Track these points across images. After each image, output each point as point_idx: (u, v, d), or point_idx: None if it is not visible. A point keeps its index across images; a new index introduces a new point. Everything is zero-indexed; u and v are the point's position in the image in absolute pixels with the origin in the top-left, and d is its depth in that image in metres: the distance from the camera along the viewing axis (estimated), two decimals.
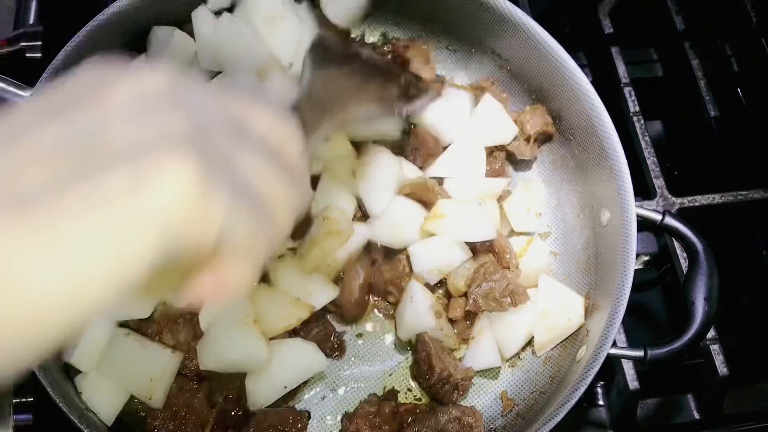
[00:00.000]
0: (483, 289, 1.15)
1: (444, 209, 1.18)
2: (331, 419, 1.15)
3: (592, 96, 1.18)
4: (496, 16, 1.25)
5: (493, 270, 1.17)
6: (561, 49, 1.21)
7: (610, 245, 1.14)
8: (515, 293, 1.15)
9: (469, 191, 1.23)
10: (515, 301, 1.15)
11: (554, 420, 1.00)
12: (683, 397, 1.28)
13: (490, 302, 1.15)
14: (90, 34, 1.16)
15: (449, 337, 1.18)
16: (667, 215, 1.13)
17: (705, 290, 1.09)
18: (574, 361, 1.13)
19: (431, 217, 1.18)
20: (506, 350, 1.19)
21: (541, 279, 1.18)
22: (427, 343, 1.14)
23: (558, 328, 1.16)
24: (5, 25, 1.53)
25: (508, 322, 1.17)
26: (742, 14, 1.55)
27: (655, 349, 1.07)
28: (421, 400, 1.18)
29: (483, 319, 1.19)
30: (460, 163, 1.26)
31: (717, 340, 1.22)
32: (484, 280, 1.16)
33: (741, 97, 1.58)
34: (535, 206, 1.28)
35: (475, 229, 1.18)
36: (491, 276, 1.16)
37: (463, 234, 1.17)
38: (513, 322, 1.17)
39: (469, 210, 1.18)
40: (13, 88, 1.13)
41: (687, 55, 1.49)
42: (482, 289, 1.15)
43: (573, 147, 1.27)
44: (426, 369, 1.13)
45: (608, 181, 1.16)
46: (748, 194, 1.35)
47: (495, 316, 1.18)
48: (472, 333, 1.20)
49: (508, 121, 1.29)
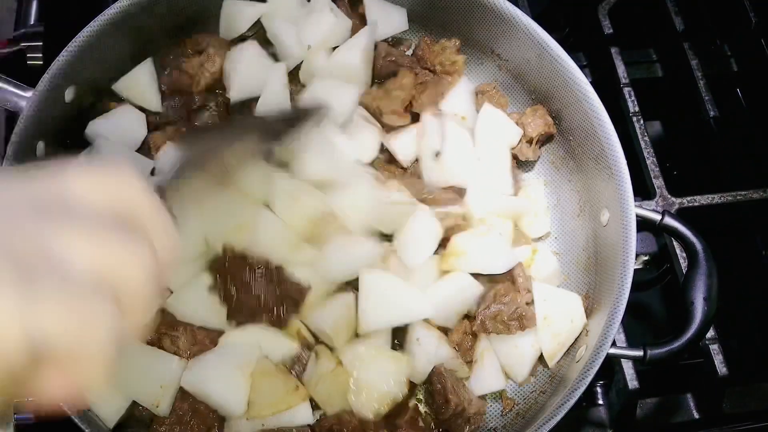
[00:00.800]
0: (491, 311, 1.13)
1: (463, 245, 1.16)
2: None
3: (591, 96, 1.18)
4: (495, 16, 1.26)
5: (504, 293, 1.15)
6: (561, 49, 1.21)
7: (610, 245, 1.14)
8: (524, 317, 1.12)
9: (493, 207, 1.22)
10: (523, 325, 1.12)
11: (554, 420, 1.01)
12: (683, 396, 1.28)
13: (498, 324, 1.13)
14: (90, 35, 1.16)
15: (462, 366, 1.16)
16: (667, 215, 1.13)
17: (704, 290, 1.09)
18: (573, 360, 1.13)
19: (449, 255, 1.16)
20: (517, 374, 1.16)
21: (535, 286, 1.17)
22: (442, 376, 1.11)
23: (563, 333, 1.14)
24: (6, 25, 1.54)
25: (514, 344, 1.15)
26: (742, 14, 1.55)
27: (655, 349, 1.07)
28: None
29: (483, 341, 1.17)
30: (486, 174, 1.24)
31: (717, 340, 1.22)
32: (494, 302, 1.14)
33: (740, 98, 1.58)
34: (539, 207, 1.27)
35: (498, 260, 1.15)
36: (501, 298, 1.14)
37: (486, 268, 1.15)
38: (519, 344, 1.15)
39: (489, 242, 1.16)
40: (14, 88, 1.13)
41: (686, 55, 1.49)
42: (490, 311, 1.13)
43: (573, 147, 1.27)
44: (441, 402, 1.10)
45: (608, 182, 1.16)
46: (747, 194, 1.35)
47: (497, 339, 1.15)
48: (474, 356, 1.17)
49: (511, 124, 1.29)
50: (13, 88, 1.13)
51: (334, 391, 1.09)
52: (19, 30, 1.46)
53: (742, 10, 1.55)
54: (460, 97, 1.30)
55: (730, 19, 1.59)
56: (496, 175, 1.25)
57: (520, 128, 1.29)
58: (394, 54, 1.32)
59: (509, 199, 1.25)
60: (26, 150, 1.10)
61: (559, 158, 1.32)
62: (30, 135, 1.11)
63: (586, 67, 1.55)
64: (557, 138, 1.31)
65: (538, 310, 1.15)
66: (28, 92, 1.12)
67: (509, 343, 1.15)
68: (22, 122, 1.10)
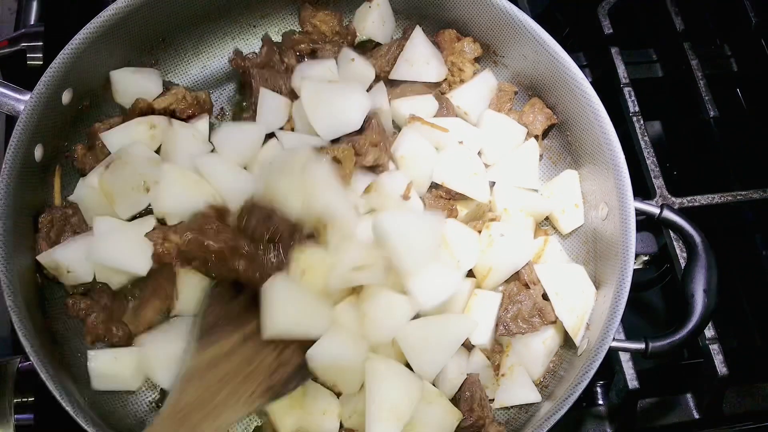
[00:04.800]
0: (511, 313, 1.13)
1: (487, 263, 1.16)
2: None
3: (591, 96, 1.18)
4: (495, 15, 1.26)
5: (517, 291, 1.15)
6: (561, 49, 1.21)
7: (610, 239, 1.15)
8: (543, 311, 1.13)
9: (518, 202, 1.22)
10: (545, 318, 1.12)
11: (554, 418, 1.01)
12: (683, 396, 1.28)
13: (521, 324, 1.12)
14: (90, 35, 1.16)
15: (493, 379, 1.16)
16: (666, 209, 1.13)
17: (704, 282, 1.09)
18: (575, 355, 1.13)
19: (480, 279, 1.17)
20: (533, 372, 1.16)
21: (537, 269, 1.17)
22: (474, 385, 1.11)
23: (579, 306, 1.13)
24: (6, 25, 1.54)
25: (524, 344, 1.15)
26: (742, 15, 1.55)
27: (656, 341, 1.07)
28: None
29: (512, 356, 1.16)
30: (511, 170, 1.25)
31: (717, 339, 1.22)
32: (510, 303, 1.14)
33: (740, 98, 1.58)
34: (568, 202, 1.26)
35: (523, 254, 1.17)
36: (515, 297, 1.14)
37: (516, 264, 1.17)
38: (529, 343, 1.15)
39: (508, 244, 1.17)
40: (11, 92, 1.13)
41: (687, 55, 1.49)
42: (510, 313, 1.13)
43: (571, 143, 1.27)
44: (466, 410, 1.10)
45: (607, 176, 1.16)
46: (747, 194, 1.35)
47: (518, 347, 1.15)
48: (502, 370, 1.16)
49: (514, 124, 1.28)
50: (11, 92, 1.13)
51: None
52: (20, 30, 1.46)
53: (742, 10, 1.55)
54: (474, 89, 1.31)
55: (730, 19, 1.60)
56: (521, 171, 1.25)
57: (523, 127, 1.29)
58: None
59: (534, 197, 1.25)
60: (25, 153, 1.10)
61: (556, 154, 1.32)
62: (28, 138, 1.11)
63: (587, 67, 1.55)
64: (557, 136, 1.31)
65: (548, 289, 1.15)
66: (26, 95, 1.12)
67: (520, 342, 1.15)
68: (20, 125, 1.10)
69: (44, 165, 1.17)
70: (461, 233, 1.18)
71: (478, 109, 1.31)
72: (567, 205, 1.24)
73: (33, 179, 1.15)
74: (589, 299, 1.14)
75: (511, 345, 1.15)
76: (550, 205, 1.25)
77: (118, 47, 1.23)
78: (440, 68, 1.32)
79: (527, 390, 1.14)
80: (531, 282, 1.16)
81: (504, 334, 1.13)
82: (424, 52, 1.31)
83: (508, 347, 1.16)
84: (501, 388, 1.15)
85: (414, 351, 1.07)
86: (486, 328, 1.14)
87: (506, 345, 1.16)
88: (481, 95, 1.31)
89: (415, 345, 1.07)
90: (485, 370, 1.15)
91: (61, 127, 1.19)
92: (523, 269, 1.17)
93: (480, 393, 1.11)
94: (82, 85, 1.20)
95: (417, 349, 1.07)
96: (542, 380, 1.17)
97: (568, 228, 1.25)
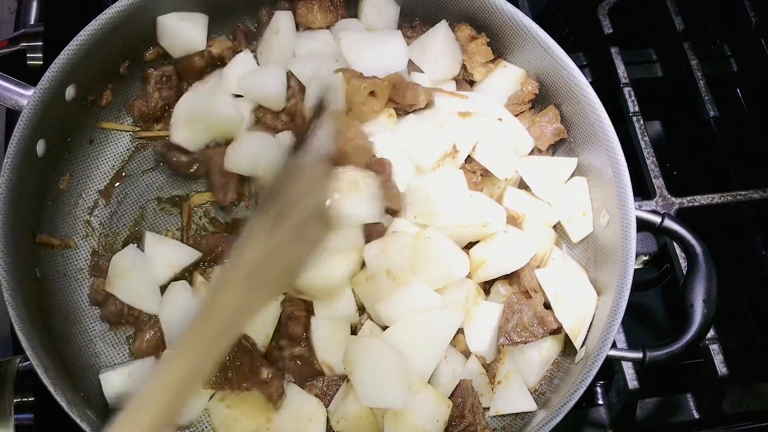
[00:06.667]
0: (513, 323, 1.12)
1: (482, 254, 1.16)
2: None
3: (591, 96, 1.18)
4: (495, 16, 1.26)
5: (516, 299, 1.14)
6: (560, 49, 1.21)
7: (610, 247, 1.14)
8: (544, 320, 1.12)
9: (529, 209, 1.21)
10: (547, 326, 1.11)
11: (554, 420, 1.01)
12: (683, 396, 1.28)
13: (523, 333, 1.11)
14: (91, 35, 1.16)
15: (488, 387, 1.14)
16: (666, 218, 1.13)
17: (704, 293, 1.09)
18: (573, 361, 1.13)
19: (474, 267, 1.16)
20: (528, 380, 1.15)
21: (537, 274, 1.16)
22: (468, 392, 1.10)
23: (579, 307, 1.13)
24: (6, 25, 1.54)
25: (520, 351, 1.14)
26: (742, 14, 1.55)
27: (654, 351, 1.07)
28: None
29: (508, 363, 1.15)
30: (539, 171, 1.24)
31: (716, 340, 1.22)
32: (511, 312, 1.13)
33: (740, 98, 1.58)
34: (577, 210, 1.23)
35: (520, 256, 1.16)
36: (515, 306, 1.13)
37: (510, 264, 1.16)
38: (526, 352, 1.14)
39: (507, 243, 1.16)
40: (15, 86, 1.13)
41: (687, 55, 1.49)
42: (512, 323, 1.12)
43: (572, 148, 1.27)
44: (456, 416, 1.09)
45: (608, 183, 1.16)
46: (747, 194, 1.35)
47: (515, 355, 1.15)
48: (498, 378, 1.15)
49: (527, 135, 1.27)
50: (14, 86, 1.13)
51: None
52: (20, 30, 1.46)
53: (742, 10, 1.55)
54: (500, 81, 1.30)
55: (730, 19, 1.60)
56: (534, 175, 1.24)
57: (531, 138, 1.27)
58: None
59: (543, 206, 1.23)
60: (27, 148, 1.11)
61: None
62: (31, 133, 1.11)
63: (587, 67, 1.55)
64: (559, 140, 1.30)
65: (547, 291, 1.14)
66: (29, 90, 1.12)
67: (516, 349, 1.14)
68: (23, 120, 1.10)
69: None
70: (484, 201, 1.18)
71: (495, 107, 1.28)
72: (574, 213, 1.22)
73: (34, 175, 1.15)
74: (591, 303, 1.14)
75: (507, 353, 1.14)
76: (558, 214, 1.23)
77: (125, 43, 1.24)
78: (448, 68, 1.30)
79: (523, 399, 1.13)
80: (532, 290, 1.15)
81: (506, 344, 1.11)
82: (441, 48, 1.29)
83: (504, 355, 1.15)
84: (496, 395, 1.14)
85: (406, 348, 1.09)
86: (486, 336, 1.14)
87: (502, 353, 1.15)
88: (499, 94, 1.30)
89: (407, 342, 1.09)
90: (480, 377, 1.14)
91: (63, 123, 1.19)
92: (524, 276, 1.16)
93: (473, 399, 1.10)
94: (87, 81, 1.20)
95: (409, 346, 1.09)
96: (538, 388, 1.17)
97: (576, 237, 1.22)
